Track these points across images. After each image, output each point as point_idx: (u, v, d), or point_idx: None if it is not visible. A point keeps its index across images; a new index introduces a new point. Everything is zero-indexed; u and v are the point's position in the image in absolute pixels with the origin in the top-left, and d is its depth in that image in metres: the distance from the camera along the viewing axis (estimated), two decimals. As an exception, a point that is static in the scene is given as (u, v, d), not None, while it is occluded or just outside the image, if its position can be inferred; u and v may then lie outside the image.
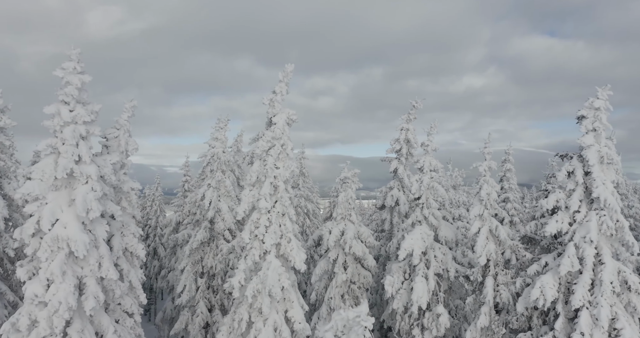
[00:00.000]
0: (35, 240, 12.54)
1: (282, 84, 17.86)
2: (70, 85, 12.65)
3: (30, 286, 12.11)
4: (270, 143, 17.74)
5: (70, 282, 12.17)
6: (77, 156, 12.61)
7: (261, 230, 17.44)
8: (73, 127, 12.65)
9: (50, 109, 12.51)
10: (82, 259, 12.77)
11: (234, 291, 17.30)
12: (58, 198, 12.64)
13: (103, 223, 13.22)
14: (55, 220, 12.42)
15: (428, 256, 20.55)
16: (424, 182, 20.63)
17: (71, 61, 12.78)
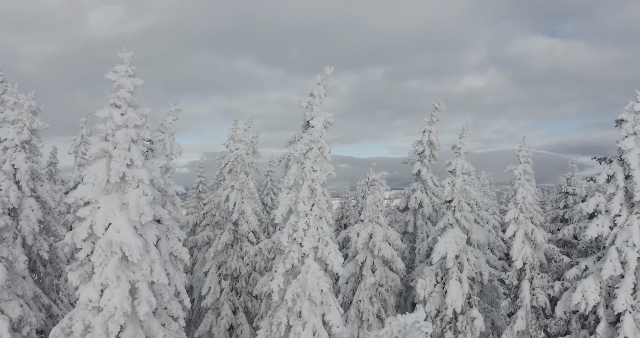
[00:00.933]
0: (87, 244, 12.45)
1: (320, 86, 17.79)
2: (122, 89, 12.57)
3: (84, 291, 12.01)
4: (308, 146, 17.66)
5: (124, 286, 12.09)
6: (129, 160, 12.52)
7: (299, 234, 17.37)
8: (125, 131, 12.56)
9: (103, 113, 12.42)
10: (134, 264, 12.68)
11: (273, 294, 17.22)
12: (110, 203, 12.55)
13: (153, 227, 13.15)
14: (108, 225, 12.33)
15: (461, 259, 20.49)
16: (457, 185, 20.57)
17: (123, 64, 12.69)
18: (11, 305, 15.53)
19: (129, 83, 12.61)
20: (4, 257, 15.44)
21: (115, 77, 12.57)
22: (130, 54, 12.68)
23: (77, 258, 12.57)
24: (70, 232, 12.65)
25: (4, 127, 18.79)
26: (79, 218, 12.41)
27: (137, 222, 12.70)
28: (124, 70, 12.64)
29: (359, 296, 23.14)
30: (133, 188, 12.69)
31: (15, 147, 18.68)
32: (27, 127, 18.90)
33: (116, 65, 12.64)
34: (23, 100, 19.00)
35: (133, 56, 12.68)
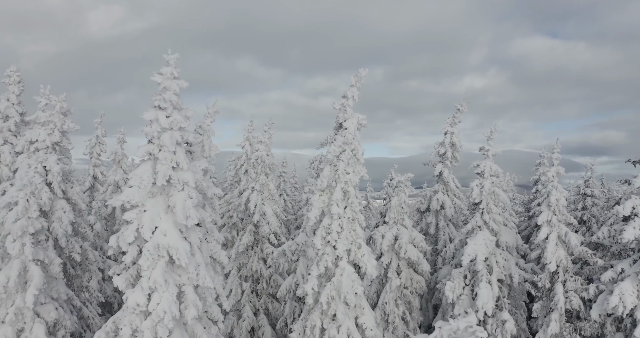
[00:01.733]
0: (133, 247, 12.38)
1: (353, 88, 17.71)
2: (168, 91, 12.50)
3: (131, 295, 11.93)
4: (341, 148, 17.59)
5: (172, 290, 12.02)
6: (175, 163, 12.45)
7: (333, 236, 17.30)
8: (170, 133, 12.50)
9: (149, 115, 12.35)
10: (179, 267, 12.61)
11: (307, 297, 17.15)
12: (155, 206, 12.48)
13: (197, 230, 13.07)
14: (154, 228, 12.26)
15: (489, 262, 20.40)
16: (485, 187, 20.48)
17: (169, 66, 12.62)
18: (47, 308, 15.47)
19: (175, 85, 12.54)
20: (40, 259, 15.34)
21: (161, 79, 12.50)
22: (176, 56, 12.61)
23: (123, 262, 12.49)
24: (115, 235, 12.56)
25: (35, 129, 18.75)
26: (125, 221, 12.33)
27: (183, 225, 12.64)
28: (169, 73, 12.57)
29: (384, 298, 23.05)
30: (178, 191, 12.61)
31: (46, 148, 18.63)
32: (57, 128, 18.85)
33: (161, 67, 12.56)
34: (54, 101, 18.95)
35: (178, 58, 12.60)
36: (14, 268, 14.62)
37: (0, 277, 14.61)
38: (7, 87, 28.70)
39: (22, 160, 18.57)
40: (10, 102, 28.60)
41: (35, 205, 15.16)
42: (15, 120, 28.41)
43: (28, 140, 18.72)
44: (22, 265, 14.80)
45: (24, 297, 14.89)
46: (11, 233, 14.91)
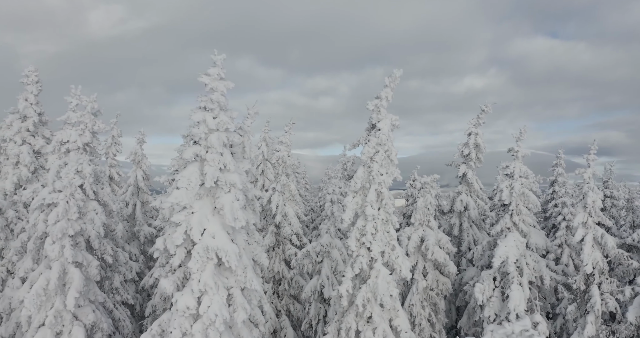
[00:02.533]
0: (180, 250, 12.28)
1: (387, 89, 17.62)
2: (215, 92, 12.41)
3: (181, 298, 11.82)
4: (375, 149, 17.51)
5: (222, 293, 11.92)
6: (222, 164, 12.35)
7: (368, 238, 17.20)
8: (217, 135, 12.40)
9: (197, 116, 12.25)
10: (226, 270, 12.52)
11: (342, 299, 17.06)
12: (203, 208, 12.39)
13: (242, 232, 12.98)
14: (203, 230, 12.16)
15: (520, 263, 20.30)
16: (515, 189, 20.40)
17: (215, 67, 12.53)
18: (85, 311, 15.37)
19: (222, 86, 12.45)
20: (78, 261, 15.24)
21: (208, 80, 12.41)
22: (223, 57, 12.52)
23: (171, 264, 12.39)
24: (162, 238, 12.47)
25: (66, 129, 18.66)
26: (174, 223, 12.23)
27: (229, 227, 12.54)
28: (216, 73, 12.49)
29: (410, 300, 22.96)
30: (225, 193, 12.52)
31: (77, 149, 18.54)
32: (88, 129, 18.76)
33: (208, 68, 12.47)
34: (86, 102, 18.86)
35: (225, 59, 12.49)
36: (53, 271, 14.53)
37: (40, 279, 14.51)
38: (25, 87, 28.63)
39: (53, 161, 18.47)
40: (28, 102, 28.54)
41: (74, 207, 15.07)
42: (34, 120, 28.34)
43: (59, 141, 18.63)
44: (62, 267, 14.70)
45: (63, 300, 14.81)
46: (50, 235, 14.80)
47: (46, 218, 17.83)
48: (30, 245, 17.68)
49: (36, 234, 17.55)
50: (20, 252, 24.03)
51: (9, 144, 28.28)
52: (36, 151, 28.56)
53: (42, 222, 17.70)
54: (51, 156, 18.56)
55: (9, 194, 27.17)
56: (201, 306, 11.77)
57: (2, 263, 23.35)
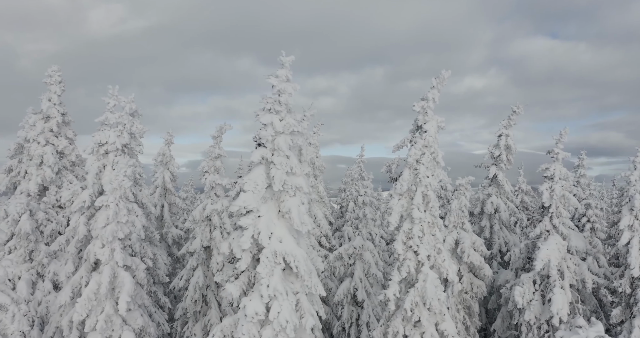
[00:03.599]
0: (246, 254, 12.02)
1: (434, 90, 17.42)
2: (284, 94, 12.16)
3: (249, 303, 11.57)
4: (421, 151, 17.31)
5: (291, 299, 11.68)
6: (289, 167, 12.11)
7: (415, 241, 16.99)
8: (284, 137, 12.16)
9: (265, 119, 12.00)
10: (291, 274, 12.27)
11: (390, 303, 16.83)
12: (269, 211, 12.14)
13: (306, 236, 12.74)
14: (270, 234, 11.91)
15: (561, 267, 20.16)
16: (556, 191, 20.24)
17: (283, 69, 12.28)
18: (134, 315, 15.09)
19: (290, 88, 12.20)
20: (128, 265, 14.96)
21: (276, 81, 12.15)
22: (291, 58, 12.27)
23: (236, 269, 12.13)
24: (226, 241, 12.22)
25: (105, 131, 18.35)
26: (240, 227, 11.97)
27: (294, 231, 12.30)
28: (284, 75, 12.25)
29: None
30: (290, 196, 12.27)
31: (116, 150, 18.24)
32: (126, 130, 18.46)
33: (277, 70, 12.21)
34: (124, 102, 18.55)
35: (294, 60, 12.25)
36: (104, 275, 14.24)
37: (91, 283, 14.22)
38: (48, 87, 28.26)
39: (92, 162, 18.16)
40: (51, 102, 28.16)
41: (124, 209, 14.77)
42: (57, 121, 27.97)
43: (97, 142, 18.30)
44: (112, 271, 14.41)
45: (113, 304, 14.52)
46: (100, 238, 14.51)
47: (87, 221, 17.58)
48: (71, 248, 17.40)
49: (77, 237, 17.28)
50: (51, 254, 23.76)
51: (32, 145, 27.88)
52: (59, 152, 28.23)
53: (82, 225, 17.44)
54: (90, 158, 18.24)
55: (32, 195, 26.84)
56: (271, 312, 11.52)
57: (32, 265, 23.02)
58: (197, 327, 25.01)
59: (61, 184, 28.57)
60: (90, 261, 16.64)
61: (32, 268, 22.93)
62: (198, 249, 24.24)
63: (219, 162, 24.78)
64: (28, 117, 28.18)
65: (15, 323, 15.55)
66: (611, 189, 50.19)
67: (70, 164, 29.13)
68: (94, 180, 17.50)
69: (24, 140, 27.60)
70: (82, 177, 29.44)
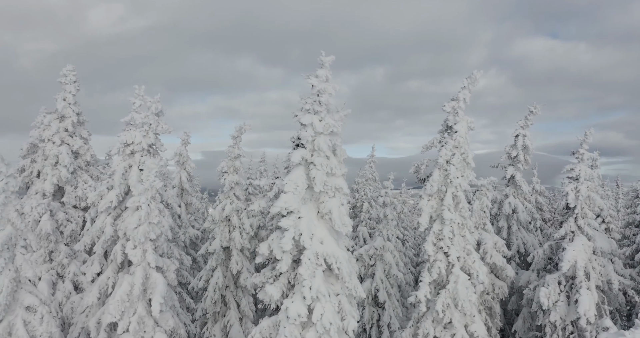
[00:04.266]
0: (286, 255, 11.89)
1: (465, 90, 17.32)
2: (324, 94, 12.02)
3: (292, 305, 11.44)
4: (451, 152, 17.19)
5: (334, 301, 11.55)
6: (329, 168, 11.98)
7: (446, 242, 16.89)
8: (324, 138, 12.03)
9: (306, 119, 11.86)
10: (332, 276, 12.14)
11: (421, 305, 16.71)
12: (309, 213, 12.01)
13: (345, 238, 12.61)
14: (312, 235, 11.78)
15: (587, 268, 20.05)
16: (582, 192, 20.12)
17: (323, 68, 12.15)
18: (165, 316, 14.95)
19: (330, 88, 12.07)
20: (159, 266, 14.83)
21: (317, 81, 12.02)
22: (332, 58, 12.13)
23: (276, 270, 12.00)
24: (265, 243, 12.09)
25: (131, 131, 18.21)
26: (280, 228, 11.84)
27: (334, 233, 12.17)
28: (324, 75, 12.11)
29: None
30: (330, 197, 12.14)
31: (141, 150, 18.10)
32: (152, 130, 18.32)
33: (317, 70, 12.07)
34: (150, 102, 18.41)
35: (334, 60, 12.12)
36: (137, 276, 14.11)
37: (124, 285, 14.08)
38: (63, 87, 28.11)
39: (118, 162, 18.02)
40: (67, 102, 28.01)
41: (155, 210, 14.62)
42: (72, 120, 27.83)
43: (123, 142, 18.16)
44: (144, 272, 14.27)
45: (145, 306, 14.38)
46: (132, 239, 14.36)
47: (113, 222, 17.45)
48: (98, 248, 17.27)
49: (104, 238, 17.14)
50: (71, 255, 23.63)
51: (47, 144, 27.74)
52: (74, 151, 28.08)
53: (109, 225, 17.30)
54: (116, 158, 18.09)
55: (48, 195, 26.70)
56: (314, 314, 11.39)
57: (52, 266, 22.88)
58: (217, 327, 24.91)
59: (76, 184, 28.44)
60: (117, 262, 16.52)
61: (52, 268, 22.79)
62: (217, 250, 24.14)
63: (238, 162, 24.67)
64: (42, 117, 28.02)
65: (44, 324, 15.35)
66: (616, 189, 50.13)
67: (85, 163, 29.00)
68: (121, 181, 17.37)
69: (37, 139, 27.45)
70: (97, 177, 29.41)
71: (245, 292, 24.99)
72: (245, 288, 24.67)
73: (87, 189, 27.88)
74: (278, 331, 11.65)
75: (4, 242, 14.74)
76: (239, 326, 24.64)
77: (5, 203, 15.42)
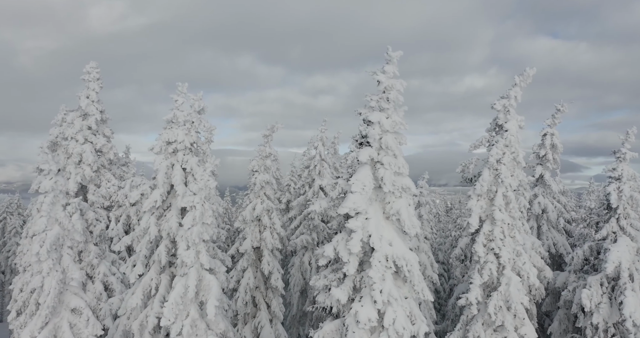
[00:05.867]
0: (353, 257, 11.55)
1: (517, 88, 17.01)
2: (391, 91, 11.69)
3: (362, 309, 11.11)
4: (502, 151, 16.87)
5: (405, 305, 11.22)
6: (397, 167, 11.65)
7: (497, 243, 16.57)
8: (392, 136, 11.69)
9: (374, 117, 11.53)
10: (400, 279, 11.82)
11: (472, 307, 16.39)
12: (376, 213, 11.68)
13: (413, 239, 12.26)
14: (380, 237, 11.45)
15: (630, 269, 19.73)
16: (625, 192, 19.80)
17: (390, 64, 11.80)
18: (217, 319, 14.61)
19: (398, 84, 11.73)
20: (212, 268, 14.48)
21: (384, 78, 11.68)
22: (399, 54, 11.78)
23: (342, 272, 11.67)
24: (331, 244, 11.76)
25: (173, 129, 17.84)
26: (349, 229, 11.51)
27: (402, 234, 11.84)
28: (391, 71, 11.77)
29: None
30: (396, 197, 11.82)
31: (184, 149, 17.73)
32: (194, 128, 17.95)
33: (384, 65, 11.73)
34: (193, 100, 18.03)
35: (402, 56, 11.77)
36: (191, 278, 13.77)
37: (177, 287, 13.75)
38: (87, 84, 27.78)
39: (160, 161, 17.62)
40: (90, 100, 27.72)
41: (209, 210, 14.28)
42: (96, 118, 27.52)
43: (165, 141, 17.77)
44: (198, 274, 13.94)
45: (197, 308, 14.05)
46: (185, 239, 14.02)
47: (157, 221, 17.12)
48: (142, 249, 16.92)
49: (148, 238, 16.81)
50: (100, 255, 23.30)
51: (71, 143, 27.39)
52: (98, 150, 27.73)
53: (153, 225, 16.96)
54: (158, 156, 17.71)
55: (71, 194, 26.35)
56: (385, 318, 11.06)
57: (82, 266, 22.55)
58: (247, 329, 24.61)
59: (100, 183, 28.12)
60: (162, 262, 16.21)
61: (81, 269, 22.47)
62: (248, 250, 23.83)
63: (269, 161, 24.35)
64: (63, 114, 27.64)
65: (89, 327, 15.05)
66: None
67: (108, 162, 28.67)
68: (164, 180, 17.01)
69: (59, 137, 27.04)
70: (120, 175, 29.06)
71: (276, 292, 24.70)
72: (276, 289, 24.38)
73: (111, 188, 27.58)
74: (346, 336, 11.31)
75: (52, 242, 14.43)
76: (270, 327, 24.35)
77: (53, 203, 15.11)
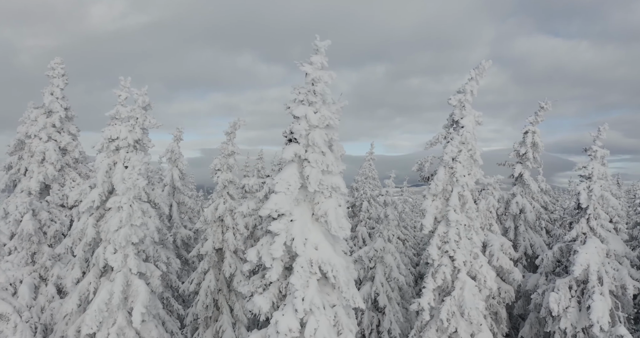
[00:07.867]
0: (277, 262, 10.74)
1: (472, 82, 16.17)
2: (319, 83, 10.84)
3: (282, 319, 10.30)
4: (458, 148, 16.04)
5: (329, 313, 10.41)
6: (325, 165, 10.82)
7: (451, 246, 15.76)
8: (319, 132, 10.86)
9: (299, 111, 10.70)
10: (327, 285, 11.00)
11: (424, 313, 15.59)
12: (303, 215, 10.86)
13: (343, 242, 11.45)
14: (305, 240, 10.63)
15: (600, 272, 18.90)
16: (595, 191, 18.96)
17: (318, 55, 10.96)
18: (148, 326, 13.84)
19: (327, 76, 10.89)
20: (142, 272, 13.67)
21: (311, 69, 10.84)
22: (327, 43, 10.95)
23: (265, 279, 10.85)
24: (254, 249, 10.94)
25: (116, 125, 17.02)
26: (270, 232, 10.69)
27: (331, 237, 11.02)
28: (319, 62, 10.92)
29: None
30: (326, 197, 10.99)
31: (127, 146, 16.92)
32: (139, 125, 17.15)
33: (311, 56, 10.89)
34: (137, 95, 17.22)
35: (330, 45, 10.94)
36: (117, 283, 12.97)
37: (102, 293, 12.95)
38: (51, 80, 27.00)
39: (101, 159, 16.83)
40: (54, 96, 26.96)
41: (138, 211, 13.48)
42: (60, 116, 26.76)
43: (108, 138, 16.97)
44: (125, 279, 13.13)
45: (125, 315, 13.25)
46: (111, 243, 13.21)
47: (96, 223, 16.29)
48: (79, 251, 16.10)
49: (85, 240, 15.99)
50: (55, 257, 22.46)
51: (34, 141, 26.63)
52: (62, 148, 26.94)
53: (91, 227, 16.14)
54: (99, 154, 16.92)
55: (33, 194, 25.56)
56: (307, 328, 10.25)
57: (35, 268, 21.74)
58: (209, 333, 23.79)
59: (64, 182, 27.29)
60: (99, 266, 15.37)
61: (34, 271, 21.67)
62: (210, 251, 22.99)
63: (232, 159, 23.48)
64: (29, 112, 26.88)
65: (17, 333, 14.26)
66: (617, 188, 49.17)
67: (73, 161, 27.87)
68: (104, 179, 16.19)
69: (24, 135, 26.34)
70: (86, 174, 28.19)
71: (239, 295, 23.87)
72: (239, 291, 23.56)
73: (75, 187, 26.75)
74: (267, 346, 10.50)
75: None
76: (232, 331, 23.52)
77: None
